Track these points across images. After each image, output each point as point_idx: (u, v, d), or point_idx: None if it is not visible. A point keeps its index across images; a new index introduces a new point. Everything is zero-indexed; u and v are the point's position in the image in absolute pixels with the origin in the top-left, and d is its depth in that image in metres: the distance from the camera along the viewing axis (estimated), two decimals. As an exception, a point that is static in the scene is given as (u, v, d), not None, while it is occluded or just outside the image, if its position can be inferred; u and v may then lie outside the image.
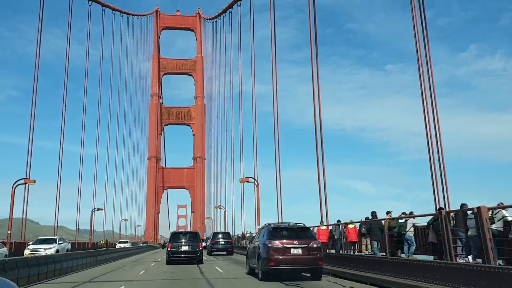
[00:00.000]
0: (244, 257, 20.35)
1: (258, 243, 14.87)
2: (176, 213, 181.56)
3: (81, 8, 78.14)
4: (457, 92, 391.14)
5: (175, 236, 25.43)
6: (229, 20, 79.73)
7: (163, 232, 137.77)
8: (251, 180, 41.20)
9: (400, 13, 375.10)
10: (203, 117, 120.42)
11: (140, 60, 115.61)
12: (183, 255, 23.99)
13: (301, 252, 13.47)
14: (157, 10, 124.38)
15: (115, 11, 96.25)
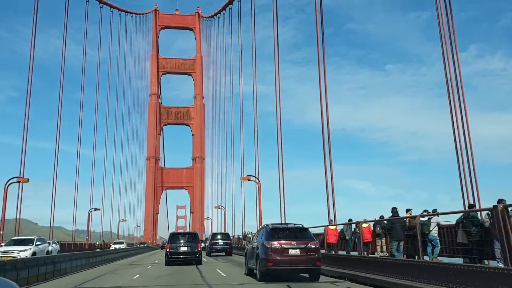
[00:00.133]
0: (242, 257, 19.95)
1: (256, 244, 14.86)
2: (175, 213, 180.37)
3: (80, 8, 76.67)
4: (457, 92, 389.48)
5: (174, 237, 25.24)
6: (229, 18, 78.58)
7: (162, 233, 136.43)
8: (252, 178, 40.28)
9: (399, 14, 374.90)
10: (202, 117, 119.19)
11: (139, 60, 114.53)
12: (182, 256, 23.78)
13: (299, 252, 13.48)
14: (156, 9, 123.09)
15: (113, 8, 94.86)
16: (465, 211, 14.10)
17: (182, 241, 24.44)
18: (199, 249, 24.46)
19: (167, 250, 24.17)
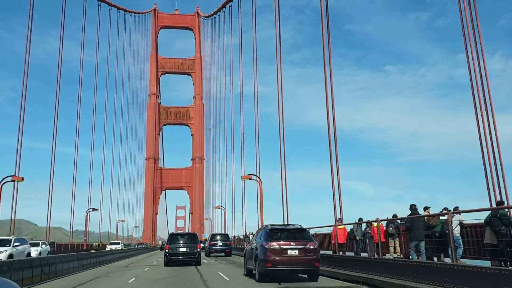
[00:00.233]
0: (242, 258, 19.99)
1: (255, 244, 14.83)
2: (174, 214, 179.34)
3: (81, 8, 75.37)
4: (456, 93, 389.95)
5: (173, 237, 25.16)
6: (230, 17, 77.55)
7: (161, 233, 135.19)
8: (253, 177, 39.37)
9: (398, 14, 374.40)
10: (202, 117, 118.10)
11: (137, 60, 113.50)
12: (181, 257, 23.75)
13: (297, 253, 13.46)
14: (155, 9, 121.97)
15: (111, 6, 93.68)
16: (493, 209, 12.92)
17: (181, 242, 24.36)
18: (198, 250, 24.40)
19: (166, 250, 24.10)
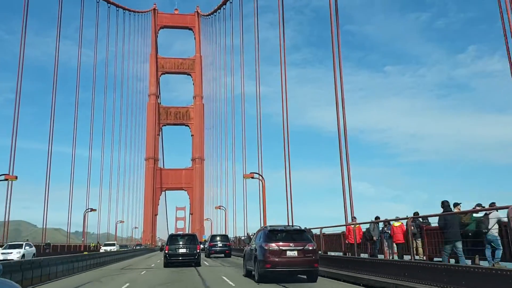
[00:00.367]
0: (241, 259, 20.19)
1: (255, 245, 14.88)
2: (174, 215, 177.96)
3: (78, 7, 74.24)
4: (456, 93, 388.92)
5: (173, 238, 25.12)
6: (230, 16, 76.34)
7: (161, 234, 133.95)
8: (256, 176, 37.99)
9: (398, 15, 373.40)
10: (202, 117, 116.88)
11: (137, 60, 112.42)
12: (180, 258, 23.81)
13: (296, 254, 13.53)
14: (155, 8, 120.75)
15: (110, 4, 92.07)
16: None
17: (181, 243, 24.28)
18: (198, 251, 24.34)
19: (166, 251, 24.07)
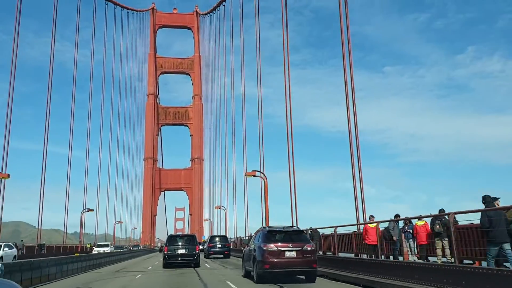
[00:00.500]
0: (240, 259, 20.34)
1: (253, 246, 14.97)
2: (173, 216, 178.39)
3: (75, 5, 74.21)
4: (455, 94, 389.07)
5: (172, 239, 25.16)
6: (230, 17, 76.57)
7: (160, 235, 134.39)
8: (258, 174, 37.32)
9: (397, 16, 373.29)
10: (201, 117, 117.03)
11: (136, 59, 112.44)
12: (179, 258, 23.86)
13: (295, 255, 13.63)
14: (154, 8, 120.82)
15: (107, 1, 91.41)
16: None
17: (180, 244, 24.30)
18: (197, 252, 24.31)
19: (165, 252, 24.10)
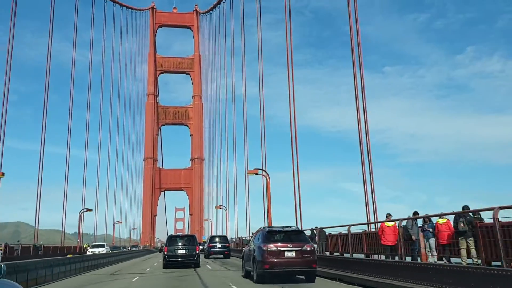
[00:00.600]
0: (240, 260, 20.31)
1: (253, 246, 15.01)
2: (174, 216, 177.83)
3: (82, 8, 74.04)
4: (455, 94, 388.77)
5: (172, 239, 25.13)
6: (231, 13, 75.99)
7: (160, 235, 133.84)
8: (260, 172, 36.58)
9: (396, 16, 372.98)
10: (201, 117, 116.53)
11: (135, 59, 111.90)
12: (179, 259, 23.89)
13: (294, 255, 13.70)
14: (153, 7, 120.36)
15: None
16: None
17: (180, 244, 24.27)
18: (197, 252, 24.27)
19: (165, 253, 24.09)
